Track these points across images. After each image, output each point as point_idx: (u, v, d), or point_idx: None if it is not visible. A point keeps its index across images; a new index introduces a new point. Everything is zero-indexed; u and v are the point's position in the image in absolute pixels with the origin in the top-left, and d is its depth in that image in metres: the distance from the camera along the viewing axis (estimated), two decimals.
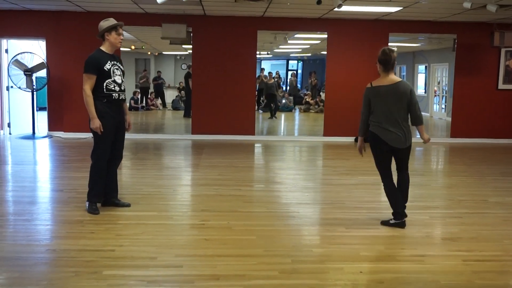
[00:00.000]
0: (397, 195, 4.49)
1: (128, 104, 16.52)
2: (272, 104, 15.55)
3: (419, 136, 4.54)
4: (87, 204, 4.79)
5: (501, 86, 10.58)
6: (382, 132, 4.36)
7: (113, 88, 4.66)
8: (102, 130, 4.59)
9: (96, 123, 4.57)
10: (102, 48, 4.71)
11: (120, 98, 4.73)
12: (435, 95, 16.12)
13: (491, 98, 10.60)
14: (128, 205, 4.96)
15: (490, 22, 10.06)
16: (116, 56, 4.80)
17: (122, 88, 4.76)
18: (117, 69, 4.71)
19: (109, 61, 4.64)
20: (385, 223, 4.56)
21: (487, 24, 10.18)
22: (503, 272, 3.58)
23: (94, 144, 4.76)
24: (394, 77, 4.37)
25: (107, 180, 4.86)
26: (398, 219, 4.49)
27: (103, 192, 4.83)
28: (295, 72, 21.78)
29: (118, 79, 4.71)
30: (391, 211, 4.59)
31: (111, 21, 4.66)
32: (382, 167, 4.50)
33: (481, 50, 10.41)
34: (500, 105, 10.62)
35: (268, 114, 15.53)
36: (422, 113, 4.50)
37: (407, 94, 4.32)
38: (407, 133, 4.39)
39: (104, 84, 4.61)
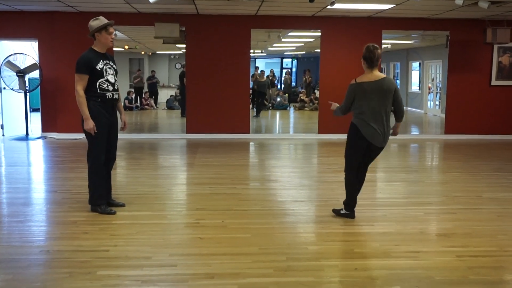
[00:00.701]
0: (356, 189, 4.60)
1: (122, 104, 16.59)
2: (260, 100, 15.52)
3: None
4: (98, 208, 4.69)
5: (494, 82, 10.61)
6: (364, 126, 4.36)
7: (106, 88, 4.61)
8: (96, 131, 4.55)
9: (89, 124, 4.51)
10: (94, 47, 4.64)
11: (114, 97, 4.70)
12: (429, 92, 16.16)
13: (484, 95, 10.64)
14: (123, 205, 4.94)
15: (483, 19, 10.09)
16: (108, 55, 4.74)
17: (116, 87, 4.72)
18: (109, 68, 4.65)
19: (101, 60, 4.58)
20: (336, 212, 4.72)
21: (480, 21, 10.21)
22: (497, 268, 3.59)
23: (89, 145, 4.69)
24: (378, 74, 4.37)
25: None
26: (349, 210, 4.64)
27: (105, 192, 4.79)
28: (289, 70, 21.80)
29: (111, 78, 4.66)
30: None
31: (101, 20, 4.59)
32: (353, 160, 4.53)
33: (474, 46, 10.45)
34: (493, 101, 10.66)
35: (265, 113, 15.53)
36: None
37: (391, 91, 4.35)
38: (387, 133, 4.41)
39: (97, 84, 4.55)
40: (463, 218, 4.79)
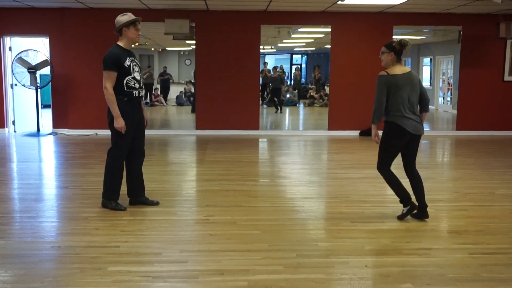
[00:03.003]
0: (399, 181, 4.43)
1: None
2: (275, 99, 15.49)
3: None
4: (108, 203, 4.69)
5: (507, 77, 10.48)
6: (404, 121, 4.30)
7: (133, 85, 4.57)
8: (126, 129, 4.51)
9: (120, 122, 4.47)
10: (120, 43, 4.58)
11: (140, 95, 4.69)
12: (448, 89, 15.88)
13: (497, 90, 10.52)
14: (157, 203, 4.92)
15: (496, 13, 9.96)
16: (132, 52, 4.68)
17: (141, 84, 4.71)
18: (135, 65, 4.62)
19: (128, 57, 4.54)
20: (401, 217, 4.51)
21: (493, 15, 10.08)
22: (510, 265, 3.54)
23: (113, 142, 4.65)
24: (404, 67, 4.41)
25: (134, 179, 4.83)
26: (408, 204, 4.44)
27: (120, 188, 4.77)
28: (299, 66, 21.70)
29: (137, 75, 4.63)
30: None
31: (130, 16, 4.55)
32: (389, 158, 4.43)
33: (487, 41, 10.33)
34: (506, 97, 10.54)
35: (273, 109, 15.50)
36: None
37: (418, 82, 4.41)
38: (421, 120, 4.45)
39: (125, 82, 4.51)
40: (475, 215, 4.74)
